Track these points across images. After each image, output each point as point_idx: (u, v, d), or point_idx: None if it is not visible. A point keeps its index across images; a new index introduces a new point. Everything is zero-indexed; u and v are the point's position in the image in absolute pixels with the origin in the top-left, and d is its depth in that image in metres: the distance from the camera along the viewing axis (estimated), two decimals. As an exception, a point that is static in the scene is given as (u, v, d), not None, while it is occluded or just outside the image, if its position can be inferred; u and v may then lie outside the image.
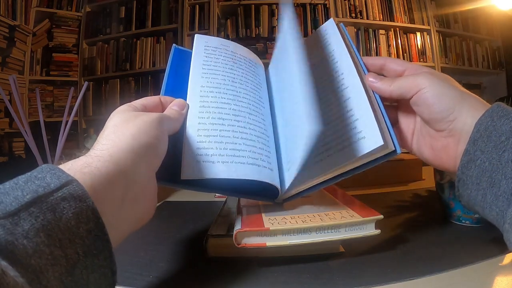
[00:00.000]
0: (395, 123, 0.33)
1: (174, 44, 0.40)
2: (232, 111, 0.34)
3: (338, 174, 0.29)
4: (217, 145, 0.30)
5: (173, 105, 0.31)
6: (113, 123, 0.25)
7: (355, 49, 0.35)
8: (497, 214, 0.23)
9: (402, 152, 0.29)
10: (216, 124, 0.32)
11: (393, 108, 0.34)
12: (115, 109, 0.27)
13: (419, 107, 0.29)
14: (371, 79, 0.31)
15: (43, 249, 0.16)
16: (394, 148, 0.27)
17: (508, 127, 0.23)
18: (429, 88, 0.28)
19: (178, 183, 0.28)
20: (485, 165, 0.24)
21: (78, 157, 0.22)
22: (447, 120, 0.27)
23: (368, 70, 0.33)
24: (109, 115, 0.27)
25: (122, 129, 0.24)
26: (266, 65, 0.45)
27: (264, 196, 0.32)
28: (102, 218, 0.18)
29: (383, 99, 0.31)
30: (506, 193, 0.23)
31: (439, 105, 0.27)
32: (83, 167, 0.20)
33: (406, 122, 0.32)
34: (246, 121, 0.34)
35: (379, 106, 0.30)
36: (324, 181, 0.31)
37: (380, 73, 0.33)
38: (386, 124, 0.28)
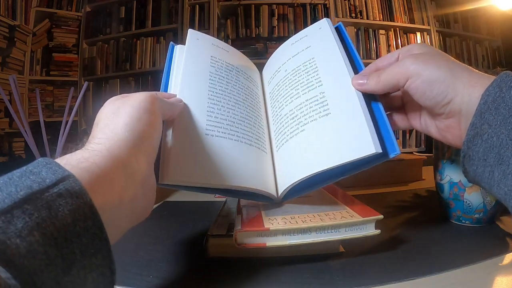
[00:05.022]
0: (402, 108, 0.34)
1: (171, 42, 0.40)
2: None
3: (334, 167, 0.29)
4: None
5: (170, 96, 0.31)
6: (105, 115, 0.25)
7: (353, 48, 0.35)
8: (505, 193, 0.22)
9: (402, 152, 0.29)
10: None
11: (398, 94, 0.34)
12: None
13: (413, 95, 0.28)
14: (358, 81, 0.31)
15: (37, 249, 0.15)
16: (383, 151, 0.27)
17: None
18: (416, 76, 0.27)
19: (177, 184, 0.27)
20: (493, 140, 0.22)
21: (74, 151, 0.21)
22: (442, 104, 0.26)
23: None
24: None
25: (114, 120, 0.24)
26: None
27: (261, 197, 0.32)
28: (100, 215, 0.18)
29: (381, 95, 0.31)
30: None
31: (431, 92, 0.26)
32: (80, 161, 0.19)
33: (412, 106, 0.32)
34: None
35: (373, 109, 0.30)
36: (324, 181, 0.31)
37: None
38: (386, 127, 0.29)
